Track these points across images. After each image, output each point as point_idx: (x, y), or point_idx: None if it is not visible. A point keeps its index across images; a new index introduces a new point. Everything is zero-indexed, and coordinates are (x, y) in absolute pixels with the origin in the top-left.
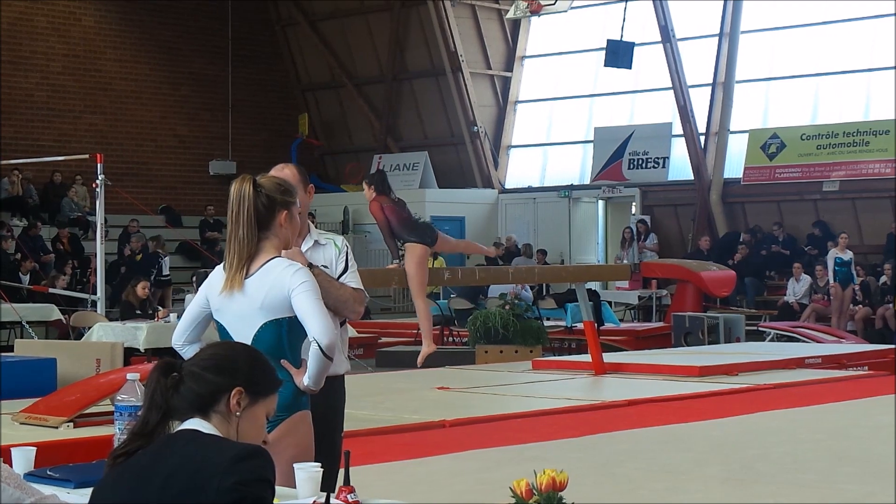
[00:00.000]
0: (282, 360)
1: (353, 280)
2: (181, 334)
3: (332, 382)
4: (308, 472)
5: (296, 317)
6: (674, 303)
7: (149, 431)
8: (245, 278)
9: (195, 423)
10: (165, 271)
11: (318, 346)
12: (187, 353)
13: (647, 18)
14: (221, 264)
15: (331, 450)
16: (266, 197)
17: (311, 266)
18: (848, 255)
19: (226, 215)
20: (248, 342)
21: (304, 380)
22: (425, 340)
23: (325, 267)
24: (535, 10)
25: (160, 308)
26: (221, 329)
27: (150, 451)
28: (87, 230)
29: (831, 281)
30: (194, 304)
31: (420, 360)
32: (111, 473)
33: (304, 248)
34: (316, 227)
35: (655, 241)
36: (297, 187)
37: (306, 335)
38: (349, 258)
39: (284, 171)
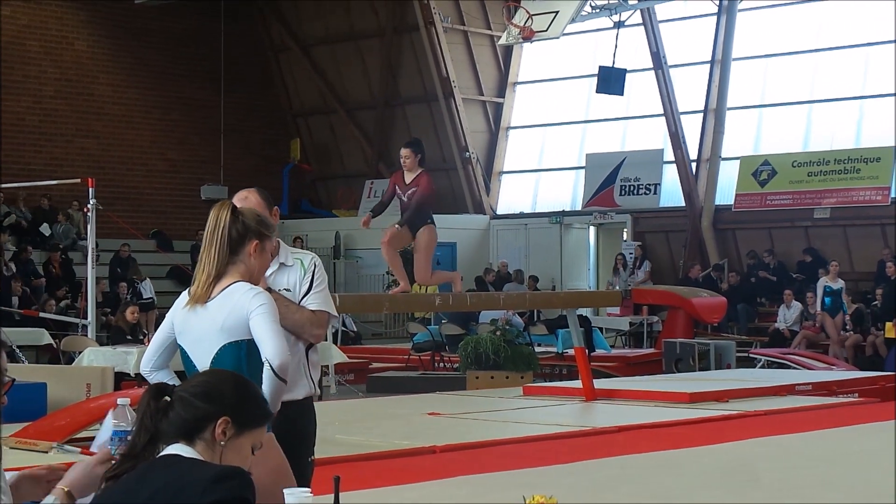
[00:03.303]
0: None
1: (315, 301)
2: (148, 360)
3: (295, 407)
4: (298, 498)
5: (254, 339)
6: (665, 329)
7: (137, 454)
8: (208, 300)
9: (178, 449)
10: (147, 295)
11: (270, 366)
12: (154, 379)
13: (639, 45)
14: (187, 290)
15: (299, 478)
16: (242, 224)
17: (269, 291)
18: (838, 284)
19: None
20: (208, 363)
21: None
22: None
23: (287, 290)
24: (528, 37)
25: (146, 333)
26: (183, 352)
27: (135, 474)
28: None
29: (818, 309)
30: (161, 330)
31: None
32: (98, 497)
33: (268, 272)
34: (293, 247)
35: (648, 268)
36: (262, 210)
37: None
38: (315, 278)
39: (249, 199)
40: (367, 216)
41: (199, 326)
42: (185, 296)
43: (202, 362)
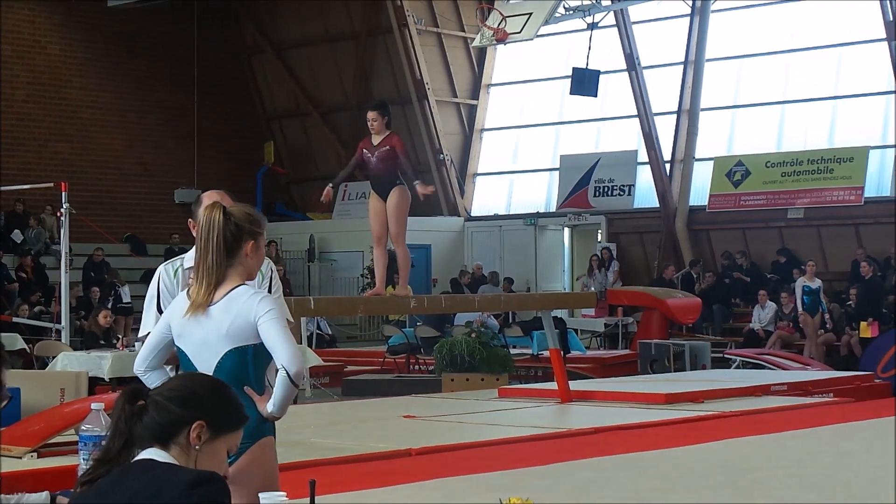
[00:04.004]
0: (245, 388)
1: None
2: (143, 360)
3: None
4: (273, 501)
5: (260, 345)
6: (640, 330)
7: (111, 458)
8: (209, 305)
9: (152, 453)
10: (126, 299)
11: (287, 373)
12: (149, 379)
13: (613, 46)
14: (185, 290)
15: None
16: (235, 225)
17: None
18: (816, 284)
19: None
20: (212, 368)
21: (269, 406)
22: (402, 285)
23: None
24: (501, 39)
25: (119, 337)
26: (182, 355)
27: (109, 479)
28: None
29: (799, 309)
30: (156, 331)
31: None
32: (73, 500)
33: None
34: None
35: (617, 268)
36: None
37: (269, 362)
38: (273, 283)
39: (223, 200)
40: (328, 188)
41: (201, 332)
42: (183, 299)
43: (205, 368)
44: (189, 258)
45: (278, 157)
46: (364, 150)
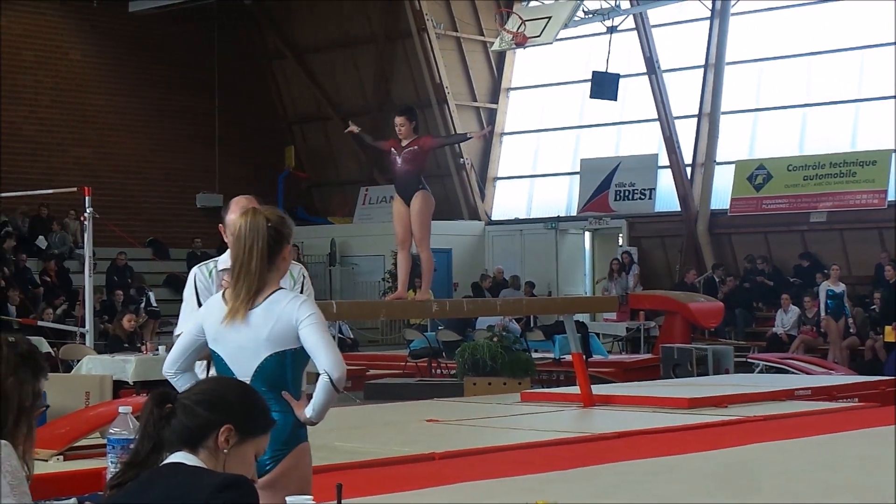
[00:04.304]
0: (283, 393)
1: None
2: (173, 363)
3: None
4: None
5: (299, 349)
6: (662, 334)
7: (140, 461)
8: (249, 309)
9: (181, 457)
10: (153, 303)
11: (329, 378)
12: (178, 381)
13: (633, 50)
14: (220, 293)
15: None
16: (274, 230)
17: None
18: (840, 288)
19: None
20: (250, 373)
21: (308, 411)
22: (424, 289)
23: None
24: (521, 42)
25: (145, 342)
26: (218, 359)
27: (138, 482)
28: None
29: (822, 314)
30: (188, 333)
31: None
32: None
33: None
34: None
35: (637, 272)
36: None
37: (306, 367)
38: (305, 288)
39: (251, 206)
40: (352, 127)
41: (239, 336)
42: (218, 302)
43: (243, 372)
44: (223, 261)
45: (299, 161)
46: (392, 150)
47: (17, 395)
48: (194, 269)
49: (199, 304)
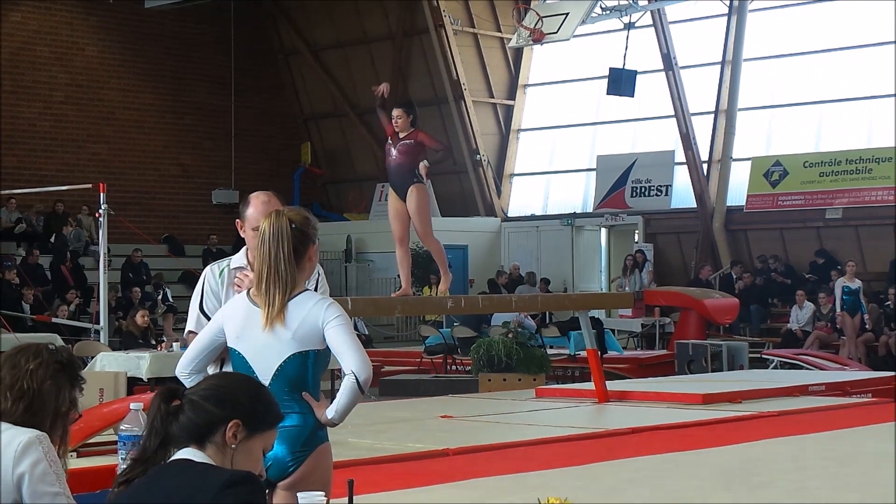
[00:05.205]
0: (304, 394)
1: None
2: (189, 363)
3: None
4: (312, 502)
5: (322, 350)
6: (677, 330)
7: (148, 457)
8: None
9: (188, 453)
10: (170, 299)
11: (356, 379)
12: (192, 382)
13: (650, 46)
14: (245, 292)
15: None
16: (299, 231)
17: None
18: (856, 284)
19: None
20: (272, 371)
21: (329, 412)
22: (445, 277)
23: None
24: (538, 39)
25: (163, 339)
26: (239, 358)
27: (146, 479)
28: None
29: (838, 310)
30: (207, 332)
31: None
32: (110, 502)
33: None
34: None
35: (651, 269)
36: None
37: (326, 369)
38: (320, 285)
39: (271, 203)
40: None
41: (262, 336)
42: (243, 300)
43: (264, 370)
44: (236, 259)
45: (315, 157)
46: (389, 140)
47: (53, 400)
48: (206, 269)
49: (202, 307)
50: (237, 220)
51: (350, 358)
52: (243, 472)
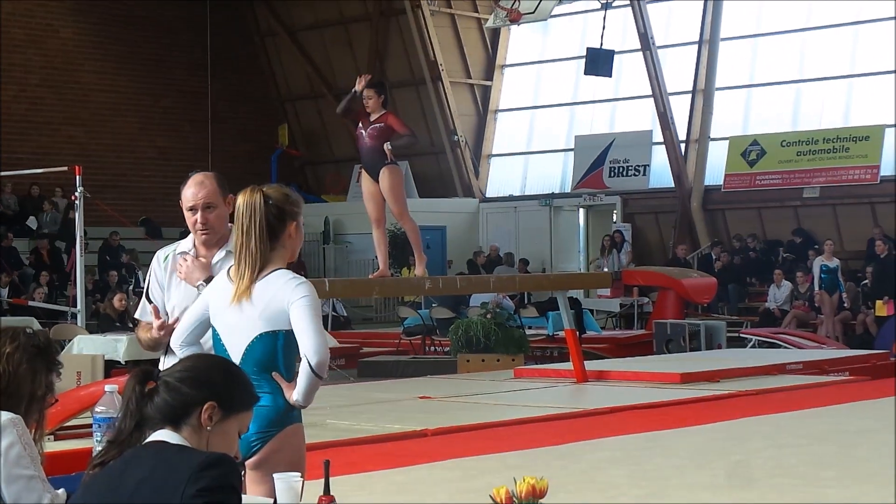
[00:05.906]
0: (273, 374)
1: None
2: (179, 335)
3: None
4: (288, 482)
5: (292, 331)
6: (655, 310)
7: (123, 440)
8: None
9: (164, 435)
10: (142, 283)
11: (308, 363)
12: (184, 354)
13: (627, 26)
14: (226, 270)
15: None
16: (276, 208)
17: (210, 279)
18: (834, 263)
19: None
20: (241, 350)
21: (294, 395)
22: (419, 261)
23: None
24: (515, 19)
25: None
26: (215, 335)
27: (121, 461)
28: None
29: (816, 289)
30: (196, 307)
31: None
32: (85, 484)
33: (215, 259)
34: None
35: (628, 249)
36: (216, 199)
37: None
38: None
39: (205, 184)
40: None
41: (235, 314)
42: (223, 278)
43: (235, 350)
44: (183, 244)
45: (293, 139)
46: (360, 124)
47: (29, 383)
48: (156, 253)
49: (147, 292)
50: (180, 200)
51: (306, 340)
52: (219, 454)
